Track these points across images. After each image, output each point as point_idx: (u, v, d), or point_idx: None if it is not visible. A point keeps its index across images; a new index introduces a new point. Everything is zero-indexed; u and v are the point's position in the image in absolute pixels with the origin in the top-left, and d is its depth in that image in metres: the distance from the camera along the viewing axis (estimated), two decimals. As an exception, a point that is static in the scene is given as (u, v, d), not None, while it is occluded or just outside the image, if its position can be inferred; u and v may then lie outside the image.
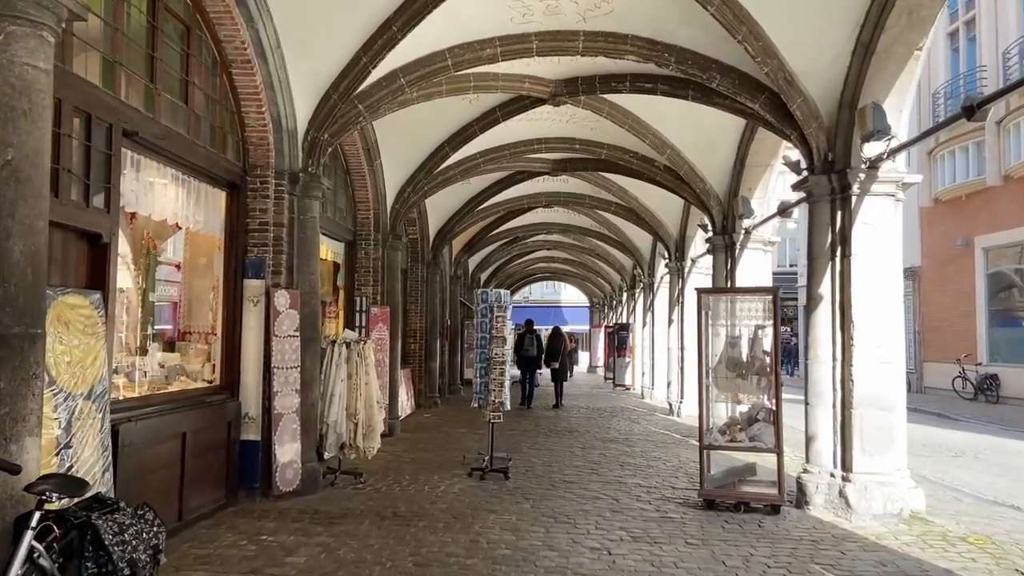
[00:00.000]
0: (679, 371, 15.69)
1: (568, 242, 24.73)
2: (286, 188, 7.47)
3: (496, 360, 8.84)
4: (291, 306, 7.43)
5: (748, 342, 7.75)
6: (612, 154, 12.13)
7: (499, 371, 8.85)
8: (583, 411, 16.83)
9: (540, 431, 13.10)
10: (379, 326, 11.53)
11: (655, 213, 15.57)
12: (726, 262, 11.65)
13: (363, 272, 11.55)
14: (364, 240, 11.56)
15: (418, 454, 10.29)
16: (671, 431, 13.30)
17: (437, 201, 15.49)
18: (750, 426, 7.52)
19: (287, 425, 7.33)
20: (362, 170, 11.09)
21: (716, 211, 11.63)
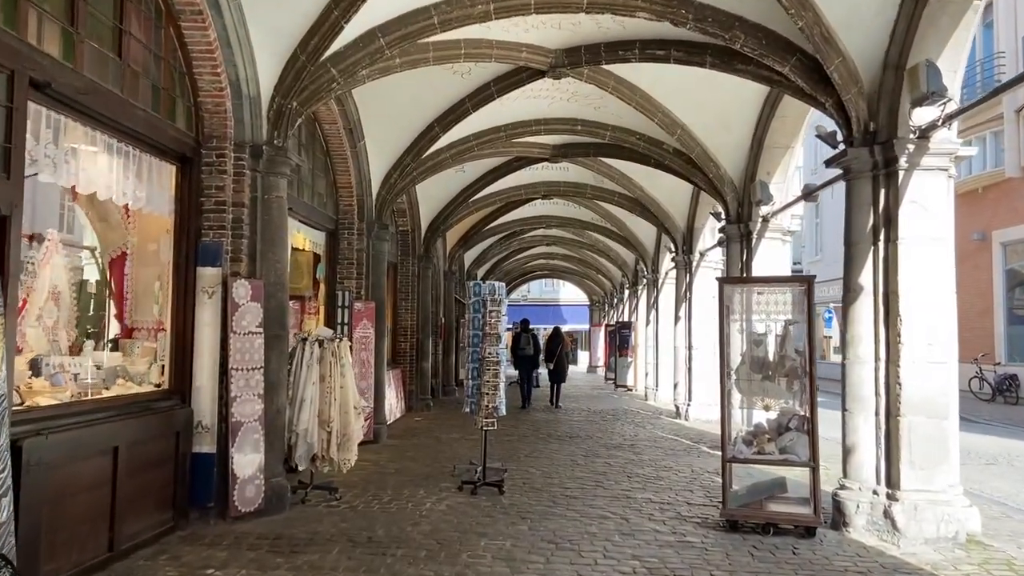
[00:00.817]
0: (686, 372, 14.74)
1: (568, 237, 23.79)
2: (247, 163, 6.51)
3: (489, 360, 7.88)
4: (253, 298, 6.46)
5: (776, 340, 6.79)
6: (617, 136, 11.17)
7: (493, 373, 7.88)
8: (584, 414, 15.88)
9: (539, 436, 12.14)
10: (363, 323, 10.56)
11: (661, 203, 14.61)
12: (741, 253, 10.69)
13: (346, 264, 10.58)
14: (347, 229, 10.59)
15: (404, 463, 9.32)
16: (680, 436, 12.34)
17: (429, 191, 14.54)
18: (780, 436, 6.56)
19: (248, 435, 6.36)
20: (344, 152, 10.12)
21: (731, 198, 10.68)
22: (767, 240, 10.51)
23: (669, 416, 15.29)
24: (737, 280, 8.15)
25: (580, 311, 43.52)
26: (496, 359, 7.89)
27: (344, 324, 10.42)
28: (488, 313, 7.92)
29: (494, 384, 7.84)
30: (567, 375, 18.78)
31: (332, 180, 10.38)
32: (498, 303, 7.96)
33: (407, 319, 14.93)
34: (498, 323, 7.94)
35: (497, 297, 8.01)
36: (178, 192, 6.25)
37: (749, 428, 6.99)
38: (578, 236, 22.86)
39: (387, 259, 11.24)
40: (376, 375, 10.79)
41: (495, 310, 7.94)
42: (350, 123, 9.82)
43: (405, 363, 14.87)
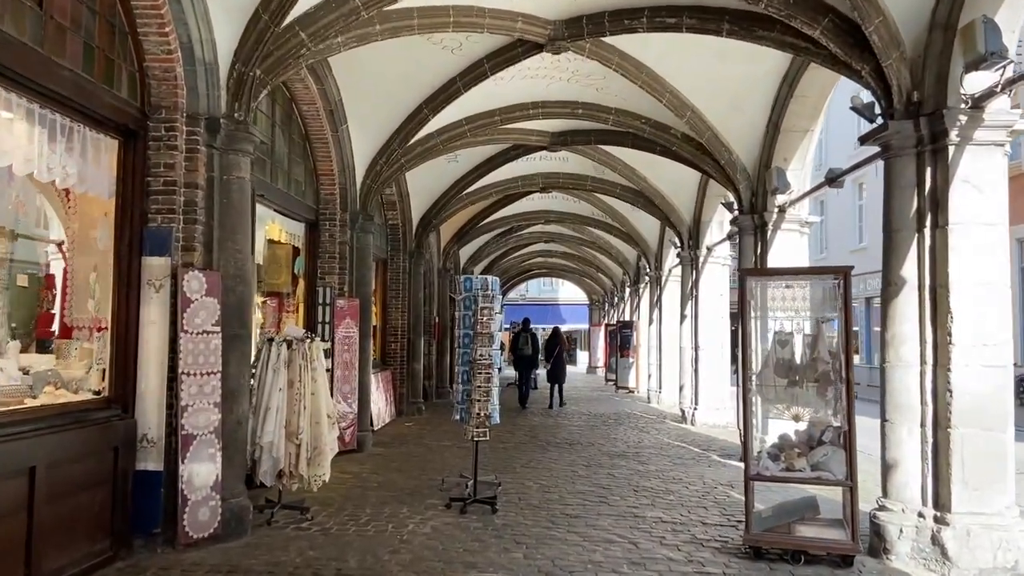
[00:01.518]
0: (693, 374, 13.94)
1: (567, 233, 22.97)
2: (202, 138, 5.69)
3: (481, 363, 7.07)
4: (208, 292, 5.64)
5: (805, 340, 5.98)
6: (621, 120, 10.35)
7: (485, 377, 7.07)
8: (584, 417, 15.07)
9: (536, 443, 11.33)
10: (346, 322, 9.75)
11: (666, 196, 13.81)
12: (755, 246, 9.88)
13: (327, 258, 9.77)
14: (328, 220, 9.78)
15: (389, 475, 8.51)
16: (687, 443, 11.53)
17: (420, 182, 13.73)
18: (811, 450, 5.75)
19: (201, 449, 5.54)
20: (324, 136, 9.31)
21: (743, 186, 9.87)
22: (783, 232, 9.69)
23: (674, 420, 14.49)
24: (762, 272, 7.26)
25: (579, 310, 42.72)
26: (488, 361, 7.08)
27: (325, 323, 9.62)
28: (480, 311, 7.10)
29: (486, 390, 7.03)
30: (566, 376, 18.31)
31: (312, 167, 9.57)
32: (491, 299, 7.15)
33: (397, 318, 14.12)
34: (491, 322, 7.12)
35: (490, 293, 7.20)
36: (120, 170, 5.44)
37: (774, 440, 6.16)
38: (578, 232, 22.06)
39: (373, 253, 10.42)
40: (360, 378, 9.98)
41: (487, 307, 7.12)
42: (331, 104, 9.01)
43: (395, 365, 14.06)
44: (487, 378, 7.06)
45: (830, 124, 22.75)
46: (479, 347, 7.05)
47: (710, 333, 13.71)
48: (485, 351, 7.07)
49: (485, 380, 7.05)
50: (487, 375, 7.08)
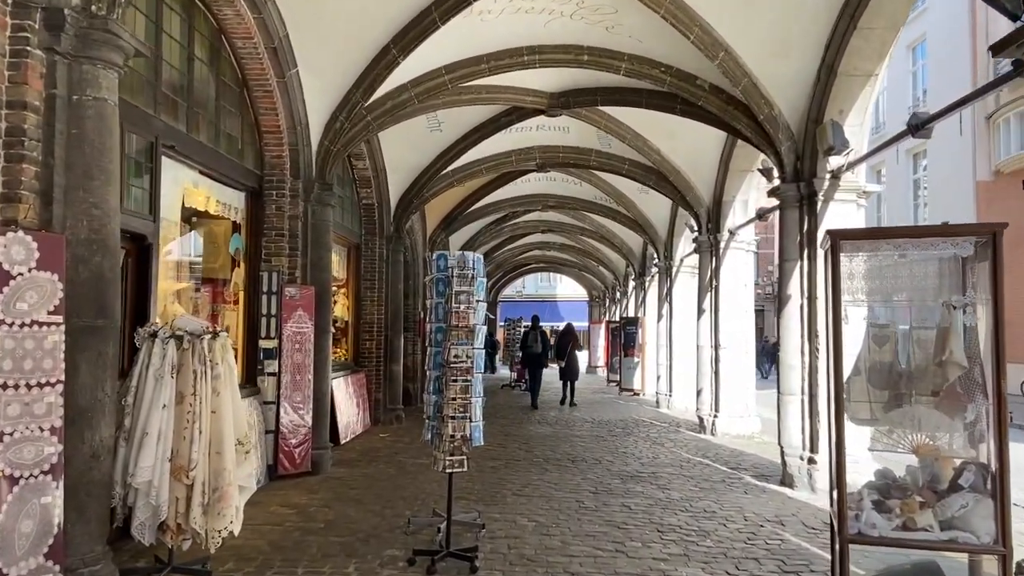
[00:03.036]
0: (712, 376, 12.11)
1: (567, 222, 21.12)
2: (38, 38, 3.84)
3: (456, 366, 5.21)
4: (43, 265, 3.79)
5: (924, 335, 4.13)
6: (635, 69, 8.49)
7: (462, 386, 5.22)
8: (588, 426, 13.23)
9: (533, 459, 9.49)
10: (297, 315, 7.90)
11: (683, 171, 11.95)
12: (801, 221, 8.04)
13: (274, 236, 7.92)
14: (276, 190, 7.93)
15: (343, 510, 6.66)
16: (710, 459, 9.70)
17: (398, 154, 11.88)
18: (941, 499, 3.88)
19: (27, 498, 3.69)
20: (267, 82, 7.45)
21: (786, 148, 8.03)
22: (837, 204, 7.85)
23: (690, 429, 12.65)
24: (868, 233, 5.08)
25: (578, 307, 40.91)
26: (466, 364, 5.23)
27: (271, 316, 7.76)
28: (454, 297, 5.25)
29: (462, 403, 5.17)
30: (579, 373, 17.47)
31: (253, 121, 7.71)
32: (469, 281, 5.29)
33: (373, 312, 12.26)
34: (469, 312, 5.27)
35: (468, 272, 5.34)
36: None
37: (869, 478, 4.30)
38: (578, 220, 20.19)
39: (330, 228, 8.54)
40: (316, 385, 8.13)
41: (465, 292, 5.27)
42: (273, 40, 7.15)
43: (370, 366, 12.20)
44: (464, 387, 5.21)
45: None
46: (453, 345, 5.19)
47: (733, 329, 11.89)
48: (462, 351, 5.22)
49: (462, 390, 5.19)
50: (465, 383, 5.23)
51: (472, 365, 5.41)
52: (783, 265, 8.32)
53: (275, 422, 7.73)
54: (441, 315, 5.46)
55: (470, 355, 5.24)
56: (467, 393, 5.20)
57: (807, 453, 7.90)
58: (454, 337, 5.18)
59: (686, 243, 15.97)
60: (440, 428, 5.22)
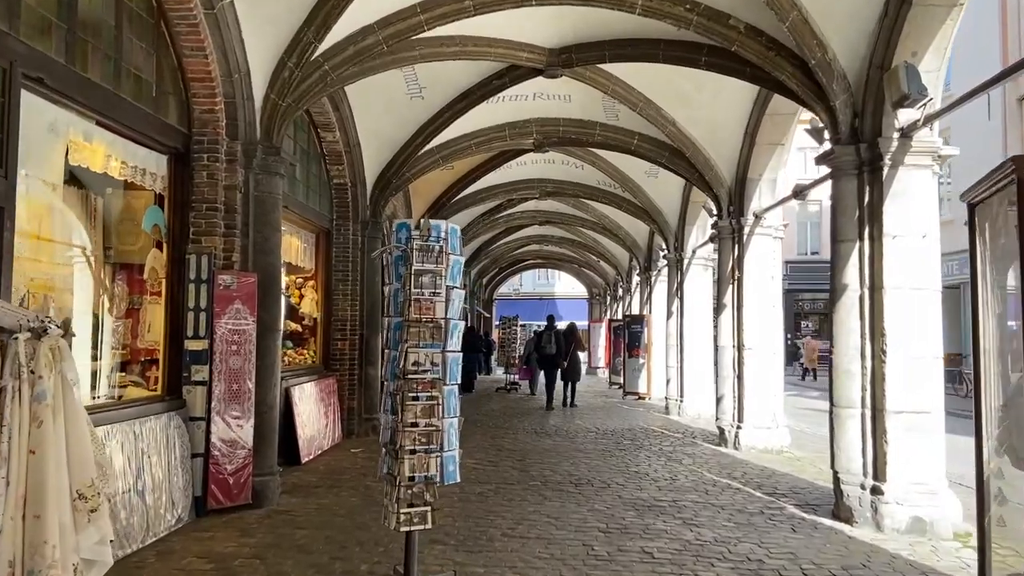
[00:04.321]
0: (734, 381, 10.55)
1: (566, 212, 19.55)
2: None
3: (416, 379, 3.64)
4: None
5: None
6: (654, 7, 6.90)
7: (425, 407, 3.64)
8: (592, 436, 11.67)
9: (529, 481, 7.93)
10: (235, 308, 6.32)
11: (701, 145, 10.38)
12: (861, 192, 6.48)
13: (204, 211, 6.35)
14: (207, 153, 6.35)
15: (278, 564, 5.07)
16: (740, 481, 8.15)
17: (375, 126, 10.32)
18: None
19: None
20: (192, 14, 5.88)
21: (841, 101, 6.47)
22: (907, 170, 6.31)
23: (708, 441, 11.11)
24: None
25: (578, 305, 39.37)
26: (430, 375, 3.65)
27: (200, 310, 6.19)
28: (413, 278, 3.67)
29: (425, 432, 3.60)
30: (581, 374, 17.29)
31: (174, 64, 6.13)
32: (435, 256, 3.72)
33: (346, 308, 10.68)
34: (436, 300, 3.70)
35: (434, 244, 3.77)
36: None
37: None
38: (579, 209, 18.61)
39: (279, 201, 6.93)
40: (260, 395, 6.56)
41: (430, 272, 3.70)
42: (196, -43, 5.58)
43: (343, 369, 10.63)
44: (429, 409, 3.63)
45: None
46: (413, 348, 3.62)
47: (759, 327, 10.33)
48: (425, 356, 3.65)
49: (425, 412, 3.62)
50: (430, 402, 3.65)
51: (442, 375, 3.85)
52: (837, 248, 6.75)
53: (204, 443, 6.16)
54: (398, 304, 3.89)
55: (437, 362, 3.66)
56: (432, 416, 3.63)
57: (870, 481, 6.35)
58: (413, 336, 3.60)
59: (699, 232, 14.45)
60: (393, 467, 3.64)
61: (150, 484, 5.52)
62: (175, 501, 5.83)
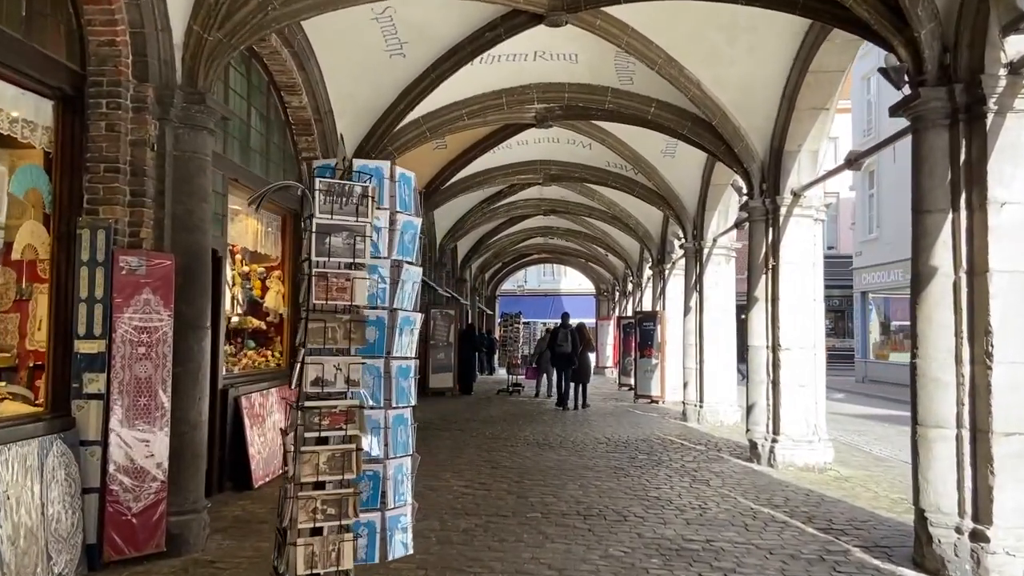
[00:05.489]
0: (770, 387, 9.06)
1: (572, 200, 18.07)
2: None
3: (315, 404, 2.16)
4: None
5: None
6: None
7: (333, 453, 2.16)
8: (602, 448, 10.21)
9: (527, 513, 6.45)
10: (143, 300, 4.88)
11: (730, 112, 8.88)
12: (955, 148, 5.00)
13: (103, 173, 4.90)
14: (107, 98, 4.91)
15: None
16: (783, 510, 6.66)
17: (349, 89, 8.87)
18: None
19: None
20: (76, -91, 4.42)
21: (928, 30, 4.99)
22: (1021, 116, 4.82)
23: (736, 455, 9.63)
24: None
25: (585, 302, 37.83)
26: (351, 397, 2.17)
27: (95, 301, 4.76)
28: (315, 241, 2.20)
29: (332, 501, 2.12)
30: (591, 375, 16.59)
31: (58, -21, 4.68)
32: (353, 204, 2.23)
33: (317, 302, 9.20)
34: (355, 275, 2.22)
35: (347, 187, 2.28)
36: None
37: None
38: (586, 196, 17.11)
39: (207, 160, 5.44)
40: (179, 411, 5.10)
41: (349, 227, 2.22)
42: None
43: (314, 373, 9.15)
44: (341, 459, 2.15)
45: None
46: (313, 357, 2.14)
47: (798, 324, 8.85)
48: (335, 368, 2.17)
49: (331, 463, 2.15)
50: (343, 447, 2.17)
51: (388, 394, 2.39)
52: (920, 221, 5.26)
53: (100, 474, 4.71)
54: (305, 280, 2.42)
55: (357, 377, 2.20)
56: (346, 469, 2.15)
57: (968, 523, 4.87)
58: (315, 336, 2.14)
59: (720, 219, 12.96)
60: (280, 559, 2.17)
61: (11, 532, 4.09)
62: (54, 553, 4.39)
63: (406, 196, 2.88)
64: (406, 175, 2.91)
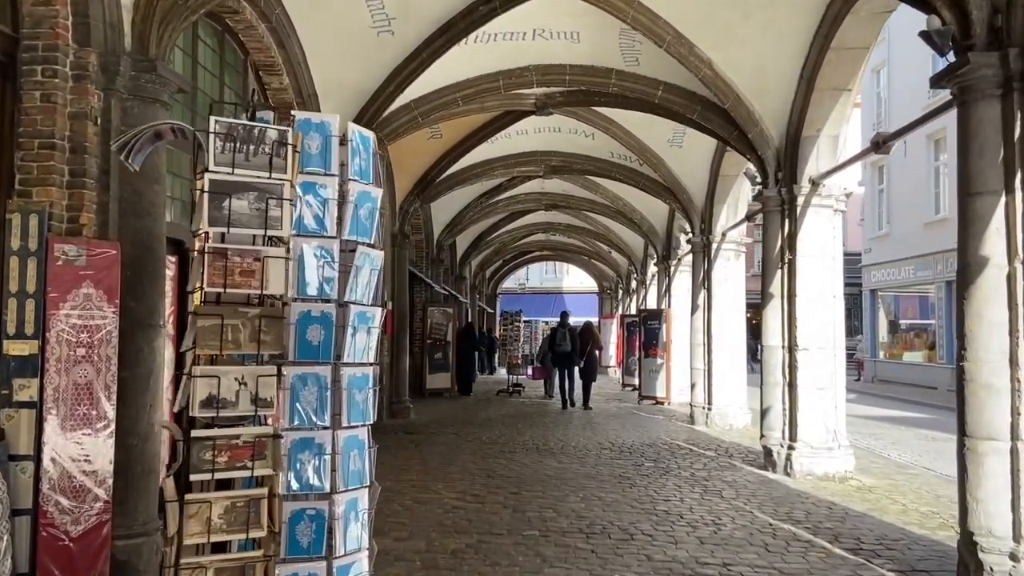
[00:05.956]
0: (786, 389, 8.44)
1: (573, 194, 17.46)
2: None
3: (208, 436, 1.54)
4: None
5: None
6: None
7: (235, 501, 1.54)
8: (606, 454, 9.60)
9: (524, 531, 5.84)
10: (81, 294, 4.27)
11: (743, 94, 8.26)
12: (1009, 121, 4.37)
13: (37, 150, 4.30)
14: (43, 64, 4.30)
15: None
16: (805, 526, 6.05)
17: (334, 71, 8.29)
18: None
19: None
20: None
21: (981, -12, 4.36)
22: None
23: (750, 462, 9.02)
24: None
25: (588, 300, 37.24)
26: (263, 426, 1.55)
27: (26, 296, 4.16)
28: (218, 205, 1.58)
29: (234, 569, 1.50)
30: (597, 374, 16.67)
31: (-22, -77, 4.08)
32: (265, 152, 1.62)
33: (301, 299, 8.61)
34: (270, 251, 1.60)
35: (255, 132, 1.67)
36: None
37: None
38: (589, 190, 16.49)
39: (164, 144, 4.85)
40: (123, 421, 4.49)
41: (259, 186, 1.61)
42: None
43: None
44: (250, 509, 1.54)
45: None
46: (204, 364, 1.52)
47: (817, 322, 8.24)
48: (237, 382, 1.55)
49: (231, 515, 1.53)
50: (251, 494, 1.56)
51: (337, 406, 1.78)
52: (969, 205, 4.64)
53: (32, 494, 4.11)
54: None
55: (270, 396, 1.58)
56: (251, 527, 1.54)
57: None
58: (206, 337, 1.52)
59: (729, 212, 12.35)
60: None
61: (-83, 567, 3.49)
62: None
63: (363, 161, 2.29)
64: (363, 135, 2.32)
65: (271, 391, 1.66)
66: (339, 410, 2.12)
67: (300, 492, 2.09)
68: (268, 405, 1.64)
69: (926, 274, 23.34)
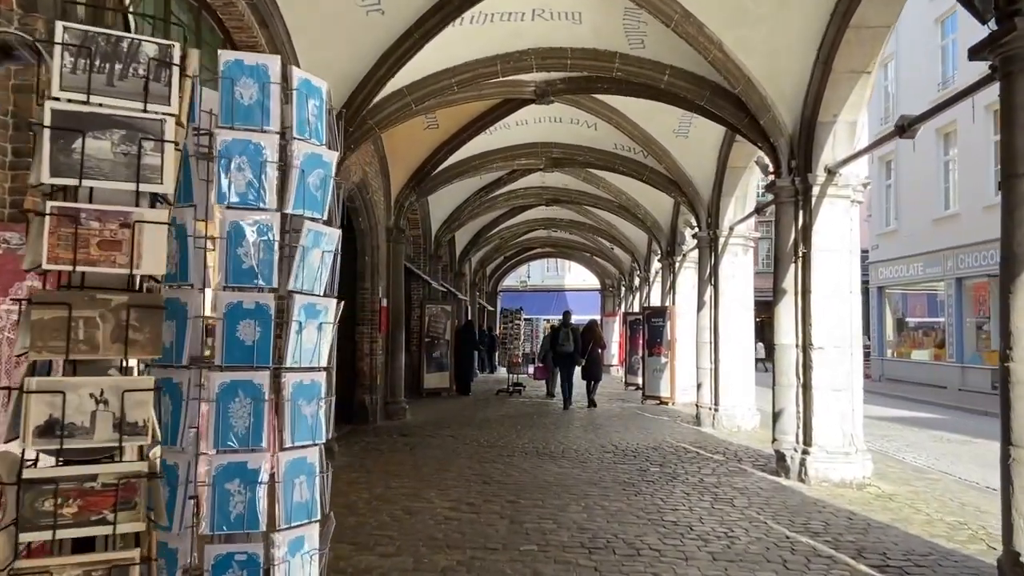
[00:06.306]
0: (800, 391, 7.97)
1: (575, 189, 16.99)
2: None
3: (48, 478, 1.07)
4: None
5: None
6: None
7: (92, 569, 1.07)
8: (609, 459, 9.12)
9: (520, 545, 5.37)
10: (25, 288, 3.82)
11: (755, 78, 7.79)
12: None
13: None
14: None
15: None
16: (825, 540, 5.58)
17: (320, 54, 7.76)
18: None
19: None
20: None
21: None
22: None
23: (760, 467, 8.55)
24: None
25: (589, 298, 36.79)
26: (131, 465, 1.08)
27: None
28: (64, 147, 1.11)
29: None
30: (601, 372, 16.24)
31: None
32: (137, 73, 1.15)
33: (287, 295, 8.16)
34: (145, 216, 1.13)
35: (124, 42, 1.20)
36: None
37: None
38: (591, 184, 16.00)
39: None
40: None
41: (128, 122, 1.14)
42: None
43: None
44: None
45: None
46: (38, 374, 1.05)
47: (833, 320, 7.78)
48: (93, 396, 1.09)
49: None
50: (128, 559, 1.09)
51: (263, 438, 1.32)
52: (1014, 187, 4.17)
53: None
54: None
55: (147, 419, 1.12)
56: None
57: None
58: (48, 336, 1.06)
59: (737, 205, 11.88)
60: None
61: None
62: None
63: (312, 116, 1.83)
64: (312, 83, 1.87)
65: (144, 412, 1.19)
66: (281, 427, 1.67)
67: (228, 532, 1.66)
68: (139, 432, 1.18)
69: (935, 271, 22.85)
